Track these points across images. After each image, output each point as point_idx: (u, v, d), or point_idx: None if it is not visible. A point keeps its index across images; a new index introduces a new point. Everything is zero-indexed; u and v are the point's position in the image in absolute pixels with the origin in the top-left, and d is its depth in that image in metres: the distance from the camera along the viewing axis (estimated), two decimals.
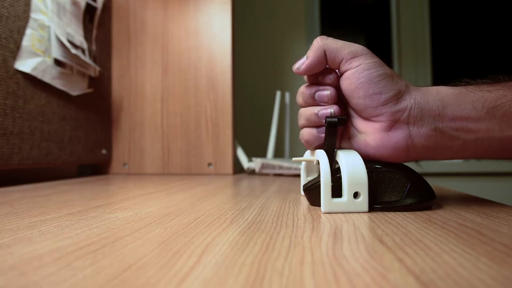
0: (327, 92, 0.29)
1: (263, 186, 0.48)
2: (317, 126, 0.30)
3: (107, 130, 0.75)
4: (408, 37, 1.40)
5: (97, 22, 0.70)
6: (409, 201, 0.26)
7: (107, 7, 0.74)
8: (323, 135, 0.29)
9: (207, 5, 0.75)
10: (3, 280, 0.12)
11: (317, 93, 0.29)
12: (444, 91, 0.26)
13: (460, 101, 0.26)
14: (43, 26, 0.55)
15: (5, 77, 0.48)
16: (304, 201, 0.33)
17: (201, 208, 0.29)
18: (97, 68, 0.68)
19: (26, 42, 0.52)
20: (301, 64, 0.29)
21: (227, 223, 0.23)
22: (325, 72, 0.29)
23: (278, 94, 0.89)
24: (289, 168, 0.67)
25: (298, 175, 0.67)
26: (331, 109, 0.28)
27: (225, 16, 0.75)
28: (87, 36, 0.67)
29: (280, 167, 0.69)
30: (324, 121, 0.28)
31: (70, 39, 0.60)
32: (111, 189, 0.43)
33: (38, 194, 0.39)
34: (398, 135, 0.26)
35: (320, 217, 0.25)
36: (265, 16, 1.29)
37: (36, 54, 0.53)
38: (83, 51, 0.64)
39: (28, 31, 0.52)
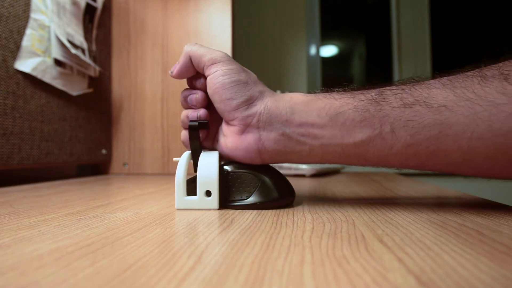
0: (196, 95, 0.30)
1: None
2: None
3: (107, 130, 0.75)
4: (408, 37, 1.40)
5: (97, 22, 0.70)
6: (254, 200, 0.28)
7: (107, 7, 0.74)
8: None
9: (207, 5, 0.75)
10: (3, 280, 0.12)
11: (189, 97, 0.30)
12: (296, 98, 0.28)
13: (308, 108, 0.27)
14: (43, 26, 0.55)
15: (5, 77, 0.48)
16: (304, 201, 0.33)
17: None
18: (97, 68, 0.68)
19: (26, 42, 0.52)
20: (174, 68, 0.30)
21: (227, 223, 0.23)
22: (196, 77, 0.31)
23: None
24: (289, 168, 0.67)
25: (298, 175, 0.67)
26: (198, 113, 0.30)
27: (225, 16, 0.75)
28: (87, 36, 0.67)
29: (280, 167, 0.69)
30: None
31: (70, 39, 0.60)
32: (111, 189, 0.43)
33: (38, 194, 0.39)
34: (249, 139, 0.28)
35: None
36: (265, 16, 1.29)
37: (36, 54, 0.53)
38: (83, 51, 0.64)
39: (28, 31, 0.52)
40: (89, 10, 0.68)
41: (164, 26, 0.76)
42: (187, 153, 0.30)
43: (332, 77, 1.52)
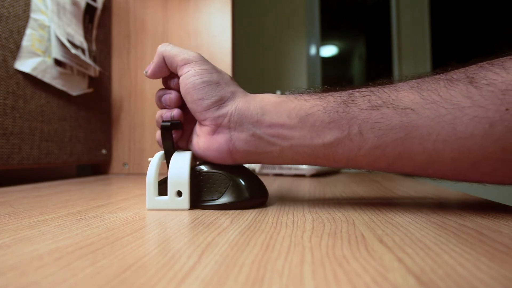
0: (170, 95, 0.30)
1: None
2: None
3: (107, 130, 0.75)
4: (408, 37, 1.40)
5: (97, 22, 0.70)
6: (225, 200, 0.28)
7: (107, 7, 0.74)
8: None
9: (207, 5, 0.75)
10: (3, 280, 0.12)
11: (163, 97, 0.31)
12: (268, 99, 0.28)
13: (278, 109, 0.27)
14: (43, 26, 0.55)
15: (5, 77, 0.48)
16: (304, 201, 0.33)
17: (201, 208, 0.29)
18: (97, 68, 0.68)
19: (26, 42, 0.52)
20: (148, 68, 0.31)
21: (227, 223, 0.23)
22: (171, 77, 0.31)
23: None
24: (289, 168, 0.67)
25: (298, 175, 0.67)
26: (172, 113, 0.30)
27: (225, 16, 0.75)
28: (87, 36, 0.67)
29: (280, 167, 0.69)
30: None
31: (70, 39, 0.60)
32: (111, 189, 0.43)
33: (38, 194, 0.39)
34: (220, 139, 0.28)
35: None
36: (265, 16, 1.29)
37: (36, 54, 0.53)
38: (83, 51, 0.64)
39: (28, 31, 0.52)
40: (89, 10, 0.68)
41: (164, 26, 0.76)
42: (159, 154, 0.30)
43: (332, 77, 1.52)
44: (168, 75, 0.31)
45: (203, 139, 0.29)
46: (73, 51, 0.59)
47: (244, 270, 0.13)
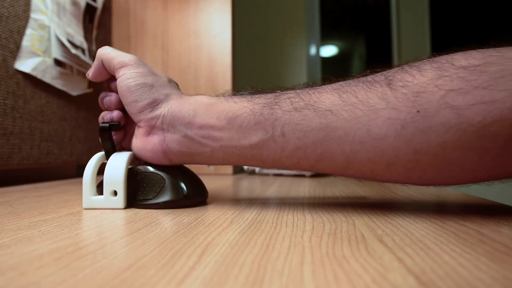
0: (110, 97, 0.31)
1: (263, 186, 0.48)
2: None
3: None
4: (408, 37, 1.40)
5: (97, 22, 0.70)
6: (160, 199, 0.28)
7: (107, 7, 0.74)
8: None
9: (207, 5, 0.75)
10: (3, 280, 0.12)
11: (104, 99, 0.31)
12: (200, 101, 0.28)
13: (209, 111, 0.28)
14: (43, 26, 0.55)
15: (5, 77, 0.48)
16: (304, 201, 0.33)
17: (201, 208, 0.29)
18: None
19: (26, 42, 0.52)
20: (89, 71, 0.31)
21: (227, 223, 0.23)
22: (112, 79, 0.31)
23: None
24: None
25: (298, 175, 0.67)
26: (111, 114, 0.31)
27: (225, 16, 0.75)
28: (87, 36, 0.67)
29: None
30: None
31: (70, 39, 0.60)
32: None
33: (38, 194, 0.39)
34: (154, 140, 0.29)
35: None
36: (265, 16, 1.29)
37: (36, 54, 0.53)
38: (83, 51, 0.64)
39: (28, 31, 0.52)
40: (89, 10, 0.68)
41: (164, 26, 0.76)
42: (98, 154, 0.30)
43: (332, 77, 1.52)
44: (110, 77, 0.31)
45: (139, 140, 0.29)
46: (73, 51, 0.59)
47: (244, 270, 0.13)
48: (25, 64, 0.51)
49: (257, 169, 0.73)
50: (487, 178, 0.23)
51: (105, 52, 0.30)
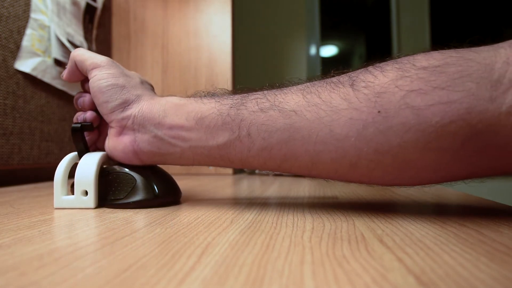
0: (84, 98, 0.31)
1: (263, 186, 0.48)
2: None
3: None
4: (408, 37, 1.40)
5: (97, 22, 0.70)
6: (130, 199, 0.28)
7: (107, 7, 0.74)
8: None
9: (207, 5, 0.75)
10: (3, 280, 0.12)
11: (79, 99, 0.31)
12: (171, 102, 0.29)
13: (179, 112, 0.28)
14: (43, 26, 0.55)
15: (5, 77, 0.48)
16: (304, 201, 0.33)
17: (201, 208, 0.29)
18: None
19: (26, 42, 0.52)
20: (64, 72, 0.32)
21: (227, 223, 0.23)
22: (86, 80, 0.31)
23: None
24: None
25: (298, 175, 0.67)
26: (84, 115, 0.31)
27: (225, 16, 0.75)
28: (87, 36, 0.67)
29: None
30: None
31: (70, 39, 0.60)
32: None
33: (38, 194, 0.39)
34: (125, 140, 0.29)
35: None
36: (265, 16, 1.29)
37: (36, 54, 0.53)
38: None
39: (28, 31, 0.52)
40: (89, 10, 0.68)
41: (164, 26, 0.76)
42: (71, 154, 0.30)
43: None
44: (84, 79, 0.32)
45: (111, 140, 0.30)
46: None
47: (244, 270, 0.13)
48: (25, 64, 0.51)
49: (257, 170, 0.73)
50: (448, 178, 0.23)
51: (78, 53, 0.30)
